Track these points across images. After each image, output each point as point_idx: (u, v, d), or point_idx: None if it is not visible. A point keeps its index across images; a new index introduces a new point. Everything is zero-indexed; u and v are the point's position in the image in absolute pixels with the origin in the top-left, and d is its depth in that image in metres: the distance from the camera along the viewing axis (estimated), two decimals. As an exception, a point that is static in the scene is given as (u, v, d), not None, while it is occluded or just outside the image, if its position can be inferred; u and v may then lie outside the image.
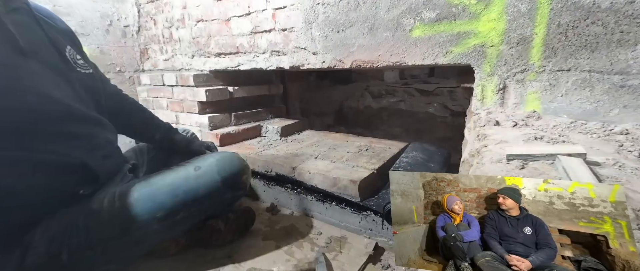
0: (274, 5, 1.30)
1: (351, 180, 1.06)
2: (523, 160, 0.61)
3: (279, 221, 1.13)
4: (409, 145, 1.44)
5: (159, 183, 0.80)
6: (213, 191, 0.82)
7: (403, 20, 1.03)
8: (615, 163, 0.59)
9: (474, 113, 1.01)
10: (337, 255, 0.93)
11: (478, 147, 0.75)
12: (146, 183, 0.80)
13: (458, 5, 0.93)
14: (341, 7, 1.14)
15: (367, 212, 1.03)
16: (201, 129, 1.66)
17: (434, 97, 2.03)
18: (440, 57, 1.00)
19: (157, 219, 0.76)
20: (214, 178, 0.83)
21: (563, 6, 0.81)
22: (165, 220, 0.77)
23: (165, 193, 0.78)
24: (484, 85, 0.97)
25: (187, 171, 0.83)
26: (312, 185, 1.17)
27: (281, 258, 0.92)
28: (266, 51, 1.40)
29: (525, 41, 0.87)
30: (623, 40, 0.77)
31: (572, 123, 0.83)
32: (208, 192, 0.82)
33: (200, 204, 0.82)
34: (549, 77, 0.87)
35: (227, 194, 0.86)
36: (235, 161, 0.88)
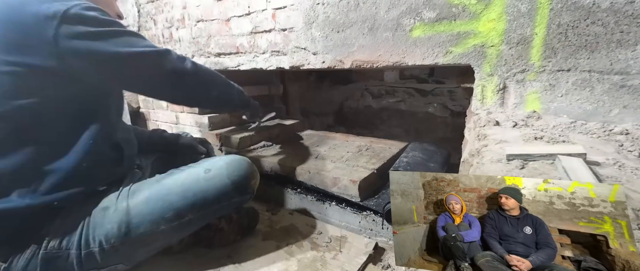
0: (274, 5, 1.30)
1: (351, 180, 1.06)
2: (523, 160, 0.61)
3: (279, 221, 1.13)
4: (409, 145, 1.44)
5: (169, 184, 0.80)
6: (222, 195, 0.82)
7: (403, 20, 1.03)
8: (615, 163, 0.59)
9: (474, 113, 1.01)
10: (337, 254, 0.93)
11: (478, 147, 0.75)
12: (157, 183, 0.81)
13: (458, 5, 0.93)
14: (341, 7, 1.14)
15: (367, 212, 1.03)
16: (201, 129, 1.66)
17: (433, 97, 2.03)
18: (440, 57, 1.00)
19: (165, 220, 0.76)
20: (223, 181, 0.83)
21: (563, 6, 0.81)
22: (173, 222, 0.77)
23: (175, 194, 0.78)
24: (484, 85, 0.97)
25: (198, 173, 0.83)
26: (312, 185, 1.17)
27: (281, 258, 0.92)
28: (266, 51, 1.40)
29: (525, 41, 0.87)
30: (623, 40, 0.77)
31: (572, 123, 0.83)
32: (217, 195, 0.82)
33: (209, 208, 0.82)
34: (549, 77, 0.87)
35: (235, 198, 0.85)
36: (244, 165, 0.88)
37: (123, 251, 0.75)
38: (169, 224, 0.77)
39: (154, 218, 0.75)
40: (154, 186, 0.80)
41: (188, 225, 0.81)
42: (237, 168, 0.86)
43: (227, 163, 0.86)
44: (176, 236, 0.84)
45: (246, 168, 0.88)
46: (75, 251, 0.70)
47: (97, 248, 0.72)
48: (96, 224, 0.72)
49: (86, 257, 0.71)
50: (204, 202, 0.80)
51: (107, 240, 0.72)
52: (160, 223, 0.76)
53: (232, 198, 0.85)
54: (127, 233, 0.73)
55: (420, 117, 2.08)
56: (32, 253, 0.68)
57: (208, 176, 0.82)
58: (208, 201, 0.81)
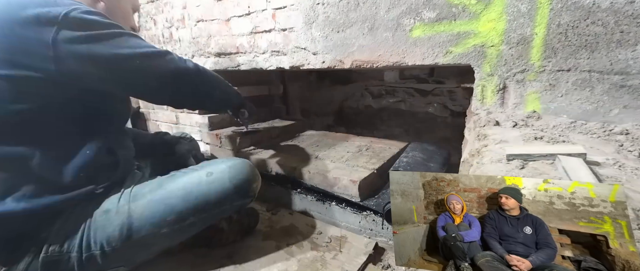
0: (274, 5, 1.30)
1: (351, 180, 1.06)
2: (523, 160, 0.61)
3: (279, 221, 1.13)
4: (409, 145, 1.44)
5: (171, 187, 0.80)
6: (224, 198, 0.82)
7: (403, 20, 1.03)
8: (615, 163, 0.59)
9: (474, 113, 1.01)
10: (337, 254, 0.93)
11: (478, 147, 0.75)
12: (158, 186, 0.81)
13: (458, 5, 0.93)
14: (341, 7, 1.14)
15: (367, 212, 1.03)
16: (201, 129, 1.66)
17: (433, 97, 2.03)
18: (440, 57, 1.00)
19: (167, 223, 0.76)
20: (225, 184, 0.82)
21: (563, 6, 0.81)
22: (174, 225, 0.77)
23: (177, 197, 0.78)
24: (484, 85, 0.97)
25: (200, 177, 0.83)
26: (312, 185, 1.17)
27: (281, 258, 0.92)
28: (266, 51, 1.40)
29: (525, 41, 0.87)
30: (623, 40, 0.77)
31: (572, 123, 0.83)
32: (219, 198, 0.82)
33: (210, 211, 0.82)
34: (549, 77, 0.87)
35: (237, 201, 0.85)
36: (246, 169, 0.88)
37: (124, 253, 0.75)
38: (171, 227, 0.77)
39: (156, 221, 0.75)
40: (156, 189, 0.79)
41: (189, 228, 0.81)
42: (239, 171, 0.86)
43: (229, 166, 0.86)
44: (178, 239, 0.84)
45: (248, 171, 0.88)
46: (76, 255, 0.70)
47: (98, 251, 0.71)
48: (98, 227, 0.72)
49: (87, 260, 0.71)
50: (206, 205, 0.80)
51: (108, 242, 0.72)
52: (162, 226, 0.76)
53: (233, 201, 0.85)
54: (128, 236, 0.73)
55: (420, 117, 2.08)
56: (32, 256, 0.68)
57: (210, 179, 0.82)
58: (210, 204, 0.81)
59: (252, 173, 0.89)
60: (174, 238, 0.82)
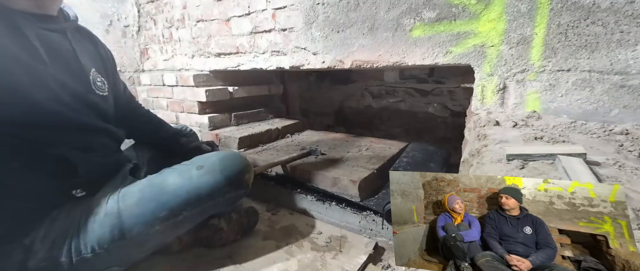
0: (274, 5, 1.30)
1: (351, 180, 1.06)
2: (523, 160, 0.61)
3: (279, 221, 1.13)
4: (409, 145, 1.44)
5: (161, 183, 0.80)
6: (216, 190, 0.82)
7: (403, 20, 1.03)
8: (615, 163, 0.59)
9: (474, 113, 1.01)
10: (337, 254, 0.93)
11: (478, 147, 0.75)
12: (149, 184, 0.80)
13: (458, 5, 0.93)
14: (341, 7, 1.14)
15: (367, 212, 1.03)
16: (201, 129, 1.66)
17: (433, 97, 2.03)
18: (440, 57, 1.00)
19: (160, 219, 0.76)
20: (216, 177, 0.82)
21: (563, 6, 0.81)
22: (167, 221, 0.77)
23: (168, 192, 0.78)
24: (484, 85, 0.97)
25: (190, 171, 0.82)
26: (312, 185, 1.17)
27: (281, 258, 0.92)
28: (266, 51, 1.40)
29: (525, 41, 0.87)
30: (623, 40, 0.77)
31: (572, 123, 0.83)
32: (211, 191, 0.81)
33: (203, 204, 0.81)
34: (549, 77, 0.87)
35: (229, 193, 0.85)
36: (237, 160, 0.88)
37: (117, 253, 0.74)
38: (164, 224, 0.76)
39: (147, 219, 0.74)
40: (145, 188, 0.78)
41: (183, 223, 0.80)
42: (230, 163, 0.85)
43: (219, 158, 0.86)
44: (172, 234, 0.83)
45: (239, 162, 0.87)
46: (65, 259, 0.68)
47: (90, 254, 0.70)
48: (87, 230, 0.71)
49: (78, 263, 0.70)
50: (198, 199, 0.79)
51: (100, 245, 0.71)
52: (154, 224, 0.75)
53: (226, 193, 0.84)
54: (121, 237, 0.72)
55: (420, 117, 2.08)
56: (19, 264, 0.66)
57: (200, 172, 0.81)
58: (202, 197, 0.80)
59: (243, 164, 0.88)
60: (168, 235, 0.82)
